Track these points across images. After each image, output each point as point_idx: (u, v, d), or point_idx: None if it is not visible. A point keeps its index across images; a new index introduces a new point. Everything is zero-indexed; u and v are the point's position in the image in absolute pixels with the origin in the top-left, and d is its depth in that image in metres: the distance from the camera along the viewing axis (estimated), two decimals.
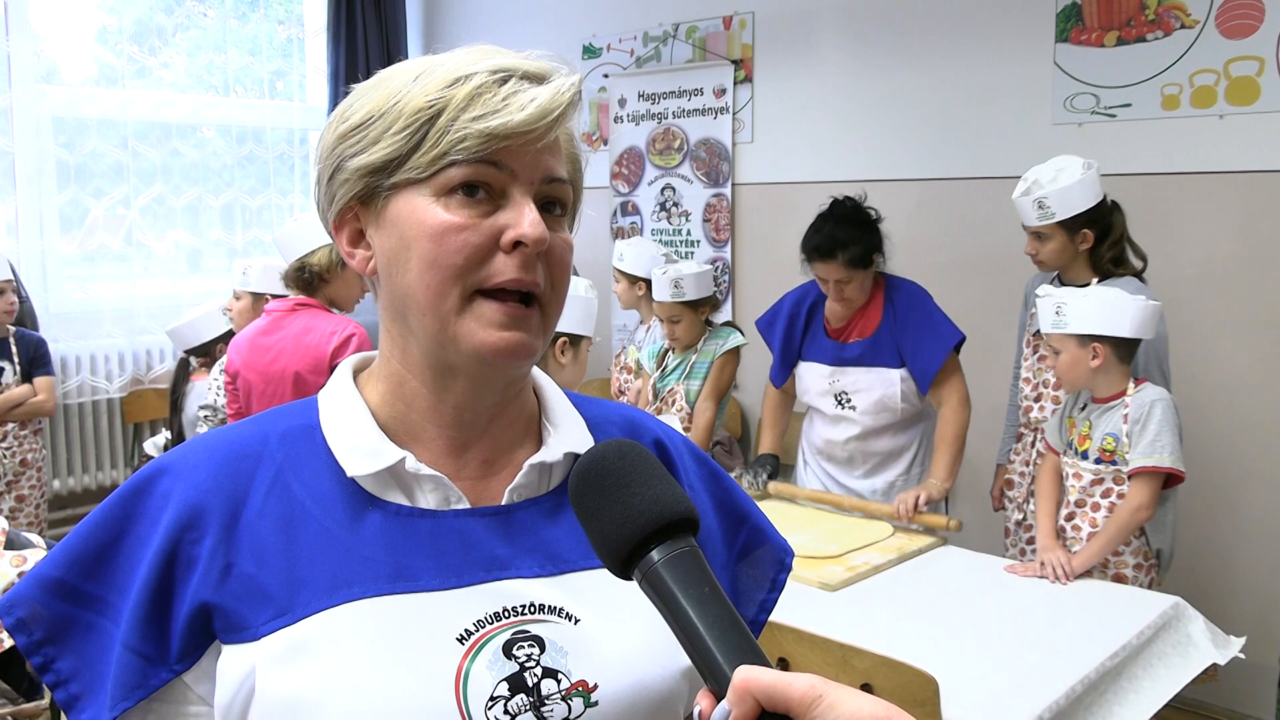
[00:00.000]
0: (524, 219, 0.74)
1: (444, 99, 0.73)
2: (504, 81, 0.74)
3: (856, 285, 2.83)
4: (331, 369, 2.69)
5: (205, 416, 3.39)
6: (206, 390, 3.53)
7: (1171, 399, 2.42)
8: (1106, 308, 2.38)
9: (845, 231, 2.77)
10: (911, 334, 2.84)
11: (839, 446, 3.00)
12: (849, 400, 2.92)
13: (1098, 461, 2.44)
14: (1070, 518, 2.49)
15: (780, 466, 3.11)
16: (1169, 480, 2.40)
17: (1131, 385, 2.44)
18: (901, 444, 2.98)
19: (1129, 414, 2.40)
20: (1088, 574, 2.40)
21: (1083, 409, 2.53)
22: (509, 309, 0.75)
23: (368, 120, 0.76)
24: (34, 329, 4.07)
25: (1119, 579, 2.45)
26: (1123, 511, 2.37)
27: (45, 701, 2.55)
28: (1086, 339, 2.41)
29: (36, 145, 4.39)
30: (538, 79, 0.75)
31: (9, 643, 2.37)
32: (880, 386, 2.88)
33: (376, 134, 0.75)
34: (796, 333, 3.02)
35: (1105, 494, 2.44)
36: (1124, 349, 2.42)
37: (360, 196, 0.77)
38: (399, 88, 0.75)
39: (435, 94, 0.74)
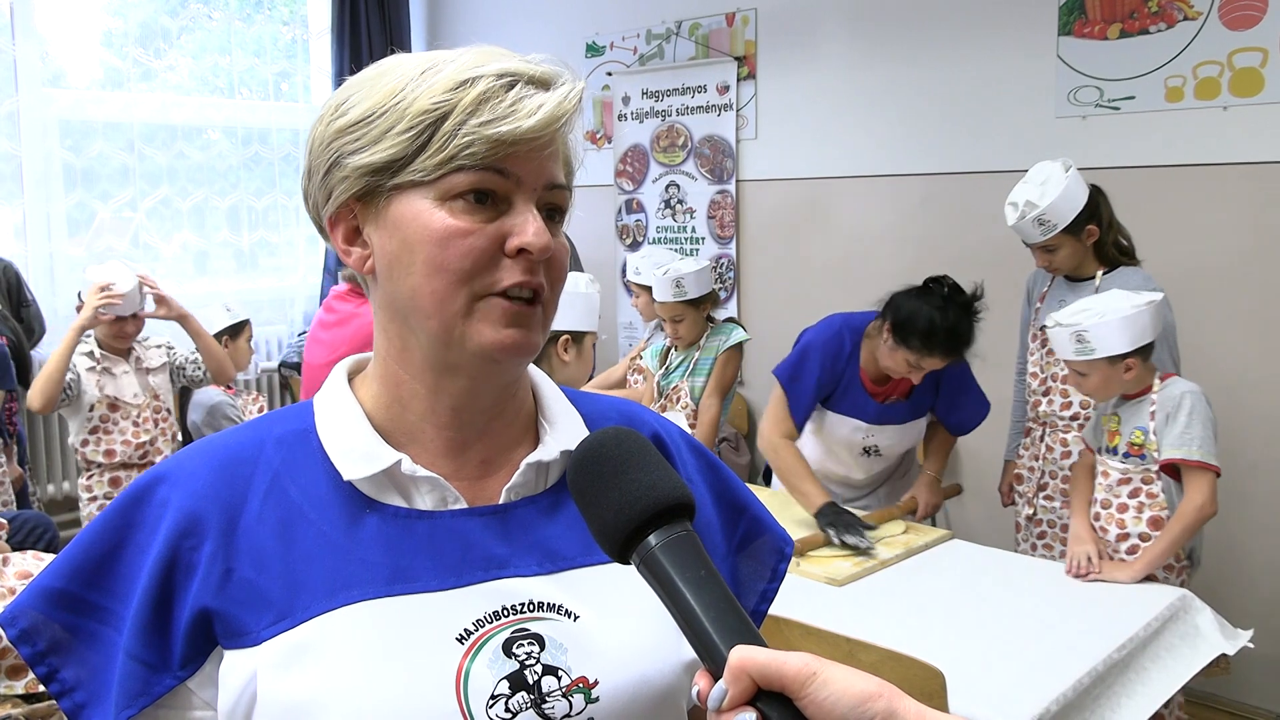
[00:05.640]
0: (529, 228, 0.74)
1: (450, 102, 0.72)
2: (510, 86, 0.73)
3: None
4: None
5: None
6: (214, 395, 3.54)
7: (1201, 391, 2.35)
8: (1129, 324, 2.31)
9: (968, 329, 2.55)
10: (951, 396, 2.87)
11: (857, 480, 3.02)
12: (877, 450, 2.93)
13: (1126, 457, 2.39)
14: (1096, 518, 2.45)
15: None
16: None
17: (1157, 381, 2.39)
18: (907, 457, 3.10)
19: (1156, 409, 2.35)
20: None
21: (1116, 405, 2.47)
22: (515, 306, 0.75)
23: (368, 117, 0.74)
24: (41, 332, 4.08)
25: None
26: (1186, 511, 2.30)
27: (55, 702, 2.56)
28: (1117, 357, 2.34)
29: (43, 148, 4.41)
30: (543, 84, 0.75)
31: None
32: (912, 436, 2.96)
33: (378, 133, 0.74)
34: (827, 387, 2.81)
35: (1133, 494, 2.38)
36: (1148, 348, 2.38)
37: (359, 195, 0.76)
38: (400, 85, 0.74)
39: (441, 96, 0.72)
